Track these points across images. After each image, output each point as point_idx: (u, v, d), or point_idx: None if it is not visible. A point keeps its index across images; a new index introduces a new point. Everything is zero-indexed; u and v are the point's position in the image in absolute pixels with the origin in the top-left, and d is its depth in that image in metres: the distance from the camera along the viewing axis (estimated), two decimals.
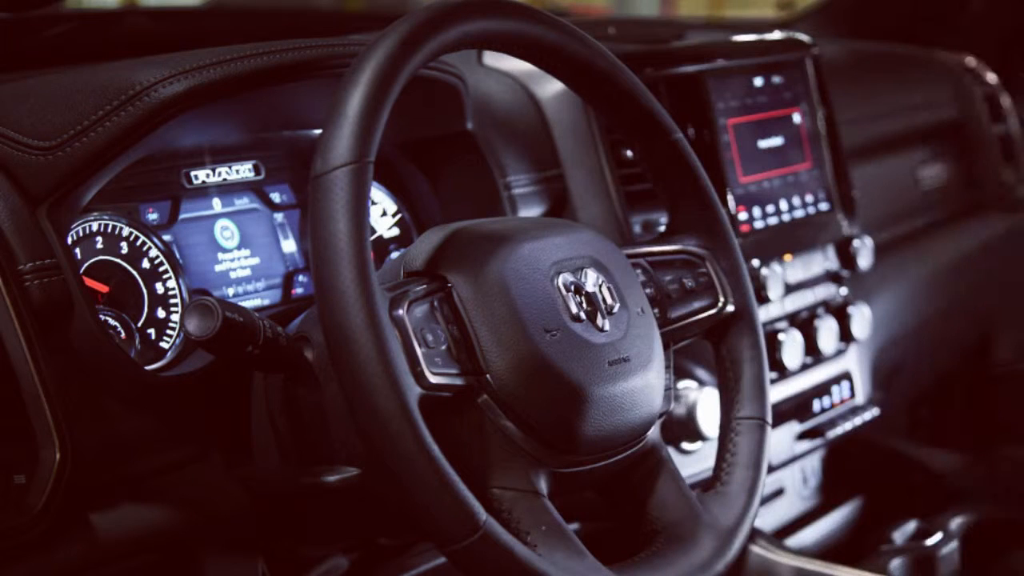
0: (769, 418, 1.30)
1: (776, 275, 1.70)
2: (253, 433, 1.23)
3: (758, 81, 1.78)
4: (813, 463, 1.96)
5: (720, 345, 1.33)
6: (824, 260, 1.87)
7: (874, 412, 1.92)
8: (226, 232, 1.37)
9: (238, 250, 1.38)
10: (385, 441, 0.99)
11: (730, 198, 1.70)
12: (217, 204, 1.37)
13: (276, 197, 1.42)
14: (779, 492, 1.89)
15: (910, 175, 2.38)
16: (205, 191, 1.36)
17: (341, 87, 1.05)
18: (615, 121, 1.30)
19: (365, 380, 0.99)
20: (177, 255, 1.32)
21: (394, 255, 1.49)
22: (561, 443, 1.12)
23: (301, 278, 1.42)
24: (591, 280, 1.18)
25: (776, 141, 1.79)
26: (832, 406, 1.88)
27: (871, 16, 2.74)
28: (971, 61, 2.61)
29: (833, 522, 1.96)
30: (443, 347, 1.08)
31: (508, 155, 1.55)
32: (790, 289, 1.78)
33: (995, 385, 2.59)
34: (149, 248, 1.30)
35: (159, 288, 1.30)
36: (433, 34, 1.10)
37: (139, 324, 1.28)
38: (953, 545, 1.80)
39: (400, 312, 1.06)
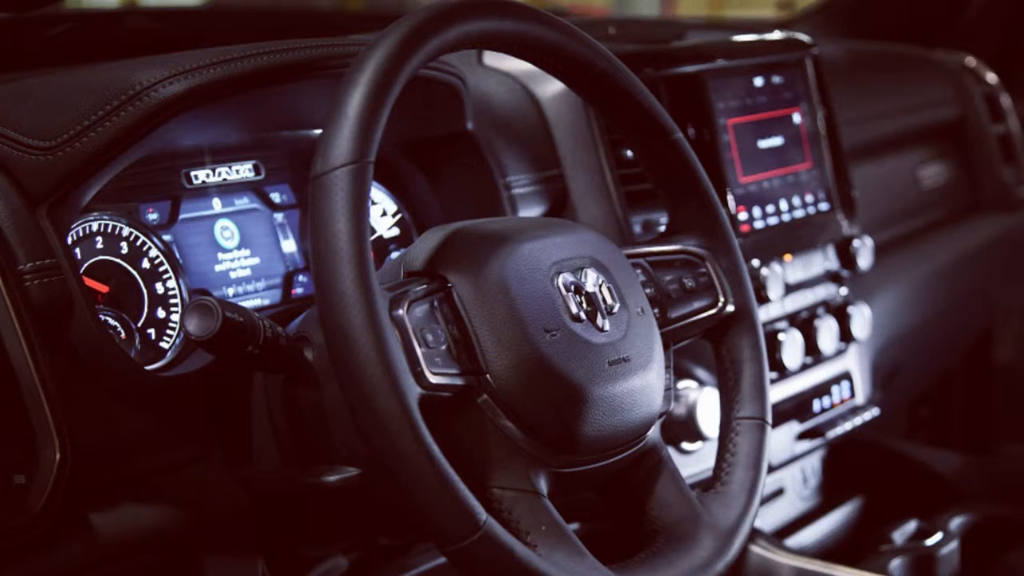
0: (769, 418, 1.30)
1: (776, 275, 1.69)
2: (253, 433, 1.23)
3: (758, 81, 1.78)
4: (813, 463, 1.96)
5: (720, 345, 1.33)
6: (824, 260, 1.87)
7: (874, 412, 1.92)
8: (226, 232, 1.37)
9: (238, 250, 1.38)
10: (385, 441, 0.99)
11: (730, 198, 1.70)
12: (217, 204, 1.37)
13: (276, 197, 1.42)
14: (779, 492, 1.89)
15: (910, 175, 2.38)
16: (205, 191, 1.36)
17: (341, 87, 1.06)
18: (615, 121, 1.30)
19: (365, 380, 0.99)
20: (177, 255, 1.32)
21: (394, 255, 1.49)
22: (561, 443, 1.12)
23: (301, 278, 1.42)
24: (591, 280, 1.18)
25: (776, 141, 1.79)
26: (832, 406, 1.88)
27: (871, 16, 2.74)
28: (971, 61, 2.61)
29: (833, 522, 1.96)
30: (443, 347, 1.08)
31: (508, 155, 1.55)
32: (790, 289, 1.78)
33: (995, 385, 2.60)
34: (149, 248, 1.30)
35: (159, 288, 1.30)
36: (433, 34, 1.10)
37: (139, 324, 1.28)
38: (953, 545, 1.80)
39: (400, 312, 1.06)
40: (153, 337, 1.29)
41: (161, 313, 1.30)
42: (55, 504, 1.08)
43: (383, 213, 1.52)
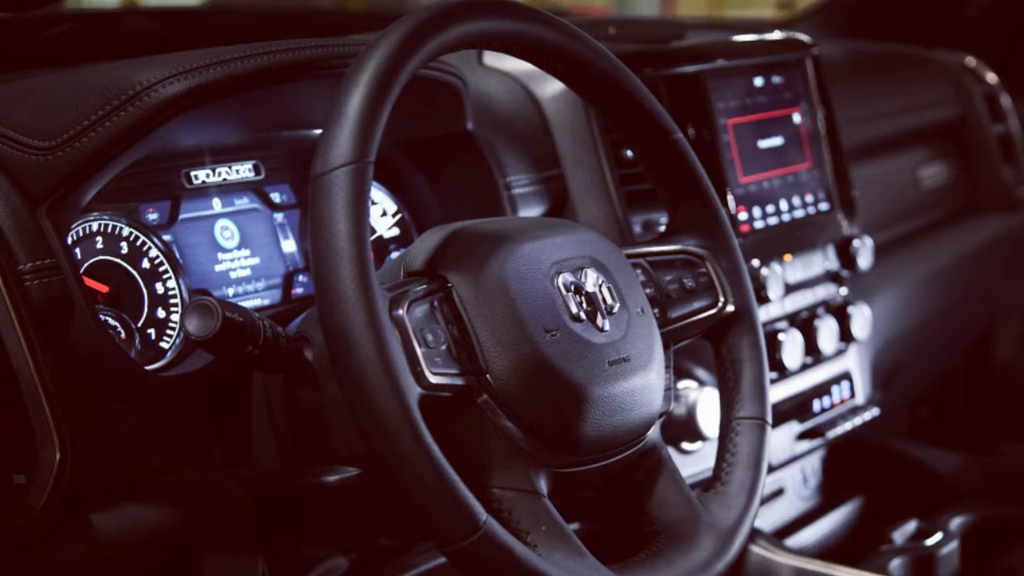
0: (769, 418, 1.30)
1: (776, 275, 1.69)
2: (253, 433, 1.23)
3: (758, 81, 1.78)
4: (813, 463, 1.96)
5: (720, 345, 1.33)
6: (824, 260, 1.87)
7: (874, 412, 1.92)
8: (226, 232, 1.37)
9: (238, 250, 1.38)
10: (385, 441, 0.99)
11: (730, 198, 1.70)
12: (217, 204, 1.37)
13: (276, 197, 1.42)
14: (779, 492, 1.89)
15: (910, 175, 2.38)
16: (205, 191, 1.36)
17: (341, 87, 1.06)
18: (615, 121, 1.30)
19: (365, 380, 0.99)
20: (177, 255, 1.32)
21: (394, 255, 1.49)
22: (561, 443, 1.12)
23: (301, 278, 1.42)
24: (591, 280, 1.18)
25: (776, 141, 1.79)
26: (832, 406, 1.88)
27: (871, 16, 2.74)
28: (971, 61, 2.61)
29: (833, 522, 1.96)
30: (443, 347, 1.08)
31: (508, 155, 1.55)
32: (790, 289, 1.78)
33: (995, 385, 2.60)
34: (149, 248, 1.30)
35: (159, 288, 1.30)
36: (433, 34, 1.10)
37: (139, 324, 1.28)
38: (953, 545, 1.80)
39: (400, 312, 1.06)
40: (153, 337, 1.29)
41: (161, 313, 1.30)
42: (55, 504, 1.08)
43: (383, 213, 1.52)
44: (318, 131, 1.11)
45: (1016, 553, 1.92)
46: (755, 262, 1.69)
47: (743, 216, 1.71)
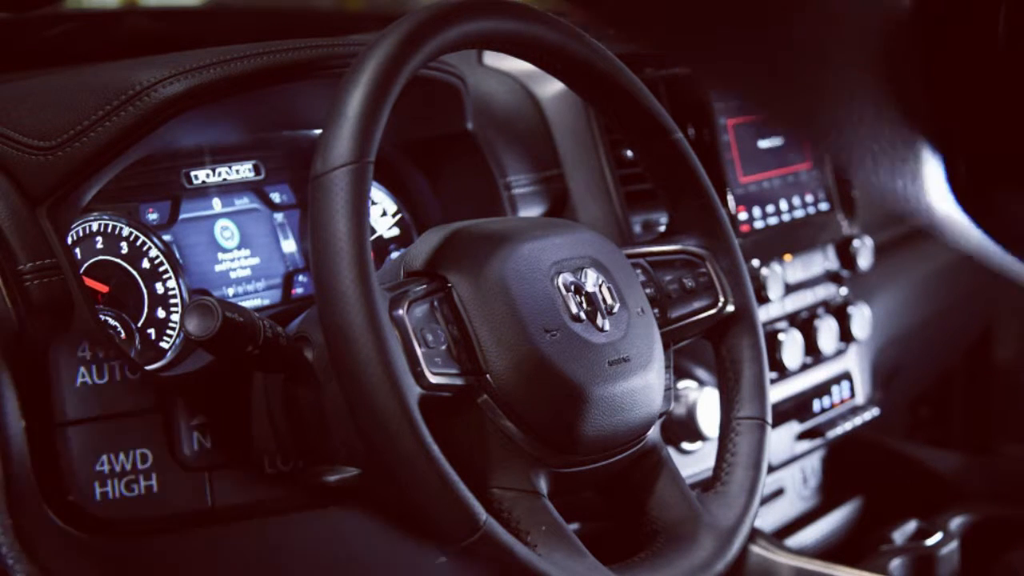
0: (769, 418, 1.30)
1: (776, 275, 1.69)
2: (253, 433, 1.23)
3: None
4: (813, 463, 1.96)
5: (720, 345, 1.33)
6: (824, 260, 1.87)
7: (874, 412, 1.92)
8: (226, 232, 1.37)
9: (238, 250, 1.38)
10: (385, 441, 0.99)
11: (730, 198, 1.70)
12: (217, 204, 1.37)
13: (276, 197, 1.42)
14: (779, 492, 1.89)
15: None
16: (205, 191, 1.36)
17: (341, 87, 1.06)
18: (615, 121, 1.30)
19: (365, 380, 0.99)
20: (177, 255, 1.32)
21: (394, 255, 1.49)
22: (561, 443, 1.12)
23: (301, 278, 1.42)
24: (591, 280, 1.18)
25: (776, 141, 1.79)
26: (832, 406, 1.88)
27: None
28: None
29: (833, 522, 1.96)
30: (443, 347, 1.08)
31: (508, 155, 1.55)
32: (790, 289, 1.78)
33: (995, 385, 2.59)
34: (149, 248, 1.30)
35: (159, 288, 1.30)
36: (433, 34, 1.10)
37: (139, 324, 1.28)
38: (953, 545, 1.80)
39: (400, 312, 1.06)
40: (153, 337, 1.29)
41: (161, 313, 1.30)
42: None
43: (383, 213, 1.52)
44: (318, 131, 1.11)
45: (1016, 553, 1.92)
46: (755, 262, 1.69)
47: (743, 216, 1.71)
